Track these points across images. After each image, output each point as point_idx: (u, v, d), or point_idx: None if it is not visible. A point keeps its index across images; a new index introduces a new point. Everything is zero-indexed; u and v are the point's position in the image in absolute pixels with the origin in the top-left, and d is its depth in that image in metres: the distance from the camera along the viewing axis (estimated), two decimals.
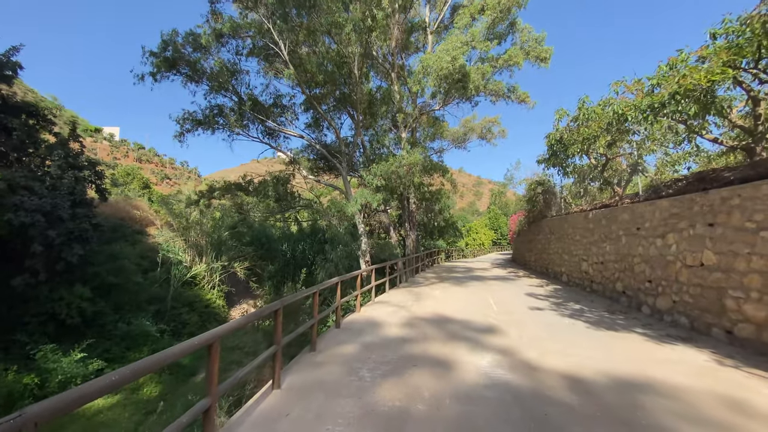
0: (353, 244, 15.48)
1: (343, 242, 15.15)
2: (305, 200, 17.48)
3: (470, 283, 13.72)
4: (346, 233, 15.40)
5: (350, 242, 15.25)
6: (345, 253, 14.78)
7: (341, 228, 15.66)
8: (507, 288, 12.46)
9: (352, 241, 15.21)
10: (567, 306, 9.13)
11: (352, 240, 15.23)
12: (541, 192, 17.58)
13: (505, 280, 14.70)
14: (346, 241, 15.06)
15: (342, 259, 14.85)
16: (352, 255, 15.22)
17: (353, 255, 15.27)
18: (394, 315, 8.36)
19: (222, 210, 18.10)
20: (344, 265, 14.83)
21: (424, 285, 13.61)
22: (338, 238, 15.31)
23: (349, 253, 14.93)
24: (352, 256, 15.15)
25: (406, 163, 15.38)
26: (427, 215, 24.95)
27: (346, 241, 15.06)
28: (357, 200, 14.17)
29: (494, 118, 23.51)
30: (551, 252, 15.06)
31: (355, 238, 15.41)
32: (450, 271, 18.80)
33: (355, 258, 15.41)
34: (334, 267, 14.83)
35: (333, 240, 15.52)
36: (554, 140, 14.34)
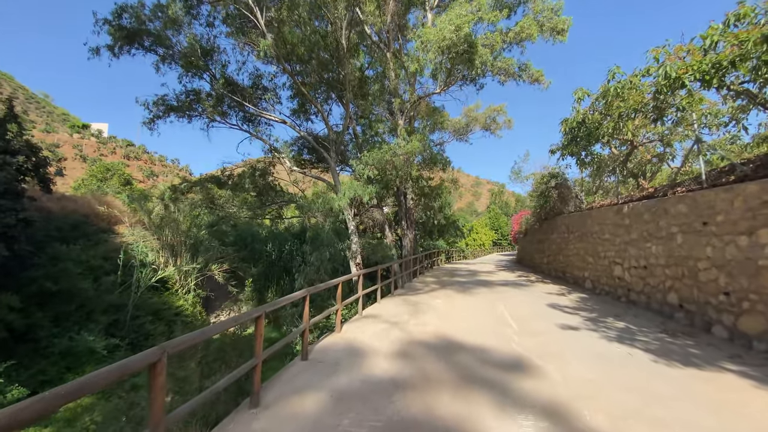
0: (341, 245, 13.44)
1: (328, 242, 13.05)
2: (289, 195, 15.42)
3: (477, 290, 11.70)
4: (330, 232, 13.33)
5: (337, 242, 13.19)
6: (330, 256, 12.69)
7: (326, 225, 13.61)
8: (522, 296, 10.45)
9: (339, 242, 13.14)
10: (606, 323, 7.13)
11: (339, 240, 13.17)
12: (554, 186, 15.59)
13: (516, 286, 12.70)
14: (331, 240, 12.97)
15: (325, 263, 12.75)
16: (338, 257, 13.19)
17: (340, 257, 13.24)
18: (385, 337, 6.33)
19: (200, 206, 16.01)
20: (328, 269, 12.77)
21: (423, 292, 11.60)
22: (321, 238, 13.17)
23: (335, 256, 12.88)
24: (338, 259, 13.10)
25: (404, 151, 13.35)
26: (426, 213, 22.94)
27: (331, 241, 12.96)
28: (345, 193, 12.15)
29: (499, 106, 21.55)
30: (569, 253, 13.07)
31: (343, 238, 13.38)
32: (452, 275, 16.78)
33: (341, 261, 13.38)
34: (315, 272, 12.76)
35: (315, 240, 13.38)
36: (574, 123, 12.39)
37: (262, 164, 14.80)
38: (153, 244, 19.70)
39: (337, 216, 14.03)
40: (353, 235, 14.70)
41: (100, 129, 74.10)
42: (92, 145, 66.43)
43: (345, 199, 12.10)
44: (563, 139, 14.83)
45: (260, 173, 14.35)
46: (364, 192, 12.13)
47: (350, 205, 15.25)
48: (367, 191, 12.23)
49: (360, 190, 12.03)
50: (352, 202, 15.30)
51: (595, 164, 14.12)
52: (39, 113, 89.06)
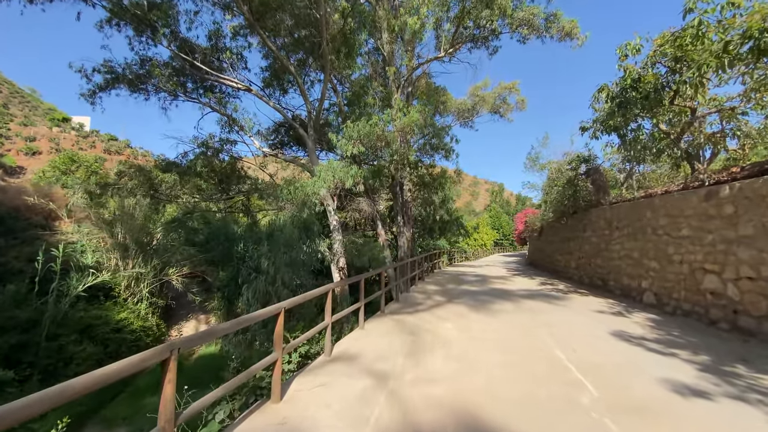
0: (313, 245, 10.36)
1: (288, 242, 9.75)
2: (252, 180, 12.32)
3: (497, 305, 8.70)
4: (292, 227, 10.10)
5: (306, 241, 10.01)
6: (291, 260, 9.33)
7: (286, 218, 10.30)
8: (565, 317, 7.43)
9: (309, 240, 9.96)
10: (742, 377, 4.14)
11: (308, 238, 9.96)
12: (585, 172, 12.62)
13: (547, 298, 9.69)
14: (292, 239, 9.70)
15: (282, 270, 9.42)
16: (310, 261, 10.08)
17: (312, 261, 10.13)
18: (359, 419, 3.28)
19: (134, 193, 12.83)
20: (288, 280, 9.53)
21: (425, 308, 8.58)
22: (282, 236, 9.92)
23: (305, 259, 9.71)
24: (309, 264, 9.96)
25: (400, 125, 10.32)
26: (425, 208, 19.90)
27: (291, 241, 9.63)
28: (321, 175, 9.09)
29: (511, 84, 18.55)
30: (613, 255, 10.09)
31: (312, 235, 10.25)
32: (458, 281, 13.77)
33: (316, 266, 10.26)
34: (271, 285, 9.59)
35: (273, 239, 10.12)
36: (626, 84, 9.50)
37: (218, 141, 11.77)
38: (105, 243, 16.60)
39: (313, 208, 10.96)
40: (335, 232, 11.64)
41: (81, 123, 70.48)
42: (71, 139, 62.91)
43: (321, 183, 9.05)
44: (605, 109, 11.92)
45: (214, 152, 11.32)
46: (347, 174, 9.08)
47: (333, 196, 12.20)
48: (351, 173, 9.18)
49: (341, 172, 8.99)
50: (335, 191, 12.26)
51: (640, 143, 11.26)
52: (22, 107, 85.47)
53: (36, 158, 52.28)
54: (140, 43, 13.79)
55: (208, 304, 17.22)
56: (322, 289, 5.17)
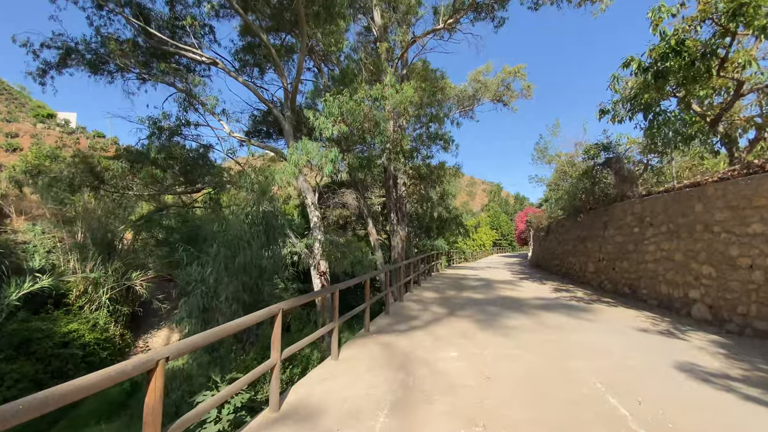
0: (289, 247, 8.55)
1: (230, 243, 7.69)
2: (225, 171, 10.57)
3: (511, 321, 7.02)
4: (243, 223, 8.10)
5: (265, 242, 8.08)
6: (243, 266, 7.38)
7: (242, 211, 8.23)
8: (603, 340, 5.74)
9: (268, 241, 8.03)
10: None
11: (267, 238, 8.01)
12: (605, 162, 10.98)
13: (569, 310, 8.01)
14: (237, 239, 7.66)
15: (223, 283, 7.42)
16: (275, 268, 8.26)
17: (279, 267, 8.33)
18: None
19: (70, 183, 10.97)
20: (240, 292, 7.56)
21: (421, 324, 6.87)
22: (226, 235, 7.80)
23: (269, 266, 7.84)
24: (272, 272, 8.10)
25: (392, 103, 8.61)
26: (422, 205, 18.22)
27: (234, 242, 7.52)
28: (292, 158, 7.36)
29: (516, 68, 16.87)
30: (647, 258, 8.44)
31: (280, 234, 8.40)
32: (459, 287, 12.08)
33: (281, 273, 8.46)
34: (214, 298, 7.65)
35: (221, 235, 8.04)
36: (666, 49, 7.91)
37: (174, 121, 10.03)
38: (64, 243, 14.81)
39: (287, 200, 9.21)
40: (316, 230, 9.92)
41: (66, 119, 68.18)
42: (55, 136, 60.71)
43: (291, 169, 7.32)
44: (626, 88, 10.37)
45: (169, 134, 9.59)
46: (325, 158, 7.38)
47: (314, 189, 10.48)
48: (330, 157, 7.48)
49: (317, 155, 7.28)
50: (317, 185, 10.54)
51: (672, 126, 9.71)
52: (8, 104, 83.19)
53: (17, 155, 50.12)
54: (99, 17, 12.08)
55: (177, 313, 15.42)
56: (264, 312, 3.45)
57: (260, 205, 7.70)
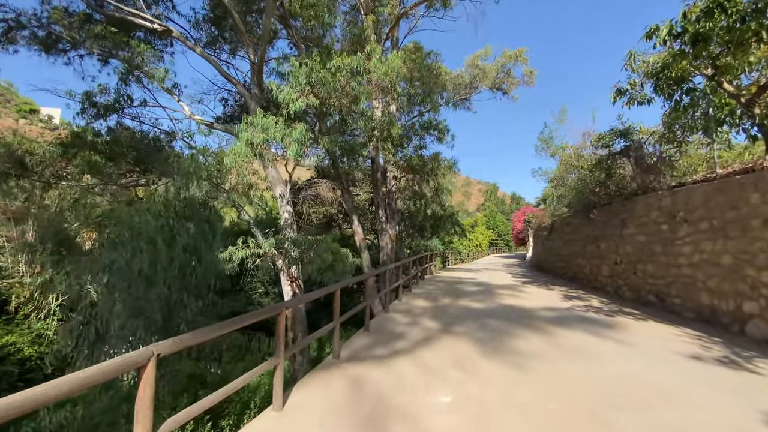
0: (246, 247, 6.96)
1: (175, 238, 6.30)
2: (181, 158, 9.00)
3: (519, 341, 5.57)
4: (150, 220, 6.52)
5: (206, 244, 6.60)
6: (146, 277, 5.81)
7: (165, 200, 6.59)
8: (650, 370, 4.29)
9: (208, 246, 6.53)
10: None
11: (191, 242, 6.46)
12: (622, 151, 9.57)
13: (588, 324, 6.57)
14: (165, 241, 6.19)
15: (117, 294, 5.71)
16: (207, 278, 6.68)
17: (209, 276, 6.73)
18: None
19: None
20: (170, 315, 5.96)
21: (406, 349, 5.38)
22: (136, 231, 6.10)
23: (201, 274, 6.31)
24: (202, 283, 6.51)
25: (378, 75, 7.12)
26: (414, 202, 16.75)
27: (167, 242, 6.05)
28: (245, 134, 5.85)
29: (517, 51, 15.46)
30: (680, 262, 7.05)
31: (210, 235, 6.85)
32: (455, 293, 10.63)
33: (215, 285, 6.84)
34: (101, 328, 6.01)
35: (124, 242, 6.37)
36: (709, 5, 6.62)
37: (113, 96, 8.48)
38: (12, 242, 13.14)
39: (247, 192, 7.66)
40: (288, 228, 8.41)
41: (50, 114, 65.92)
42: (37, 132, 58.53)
43: (243, 148, 5.81)
44: (653, 60, 9.03)
45: (104, 112, 8.05)
46: (287, 135, 5.87)
47: (287, 182, 8.97)
48: (295, 135, 5.99)
49: (277, 131, 5.78)
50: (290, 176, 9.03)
51: (700, 108, 8.44)
52: None
53: None
54: None
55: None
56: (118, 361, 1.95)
57: (185, 190, 6.15)
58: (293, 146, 6.02)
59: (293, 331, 8.34)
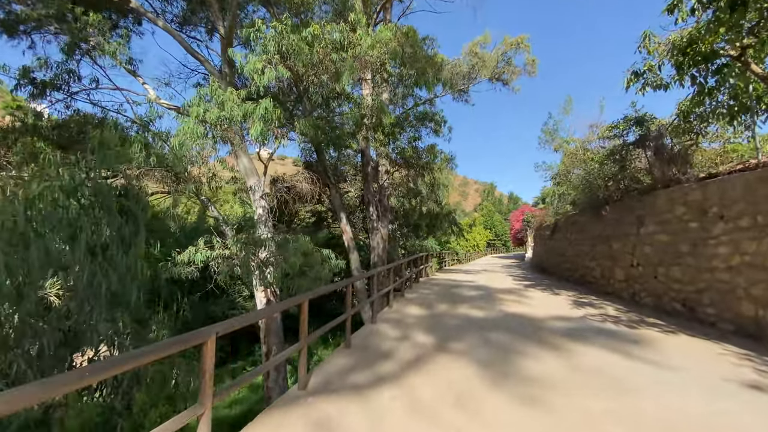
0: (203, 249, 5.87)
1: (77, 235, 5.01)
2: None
3: (530, 361, 4.56)
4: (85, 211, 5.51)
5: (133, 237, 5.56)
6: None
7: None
8: (704, 409, 3.27)
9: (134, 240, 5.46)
10: None
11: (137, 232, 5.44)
12: (638, 141, 8.59)
13: (609, 339, 5.57)
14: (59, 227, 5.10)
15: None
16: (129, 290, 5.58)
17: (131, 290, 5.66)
18: None
19: None
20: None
21: (394, 374, 4.33)
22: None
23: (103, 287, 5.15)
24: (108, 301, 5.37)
25: (365, 47, 6.08)
26: (409, 199, 15.73)
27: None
28: (196, 109, 4.78)
29: (519, 38, 14.47)
30: (713, 265, 6.07)
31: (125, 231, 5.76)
32: (452, 298, 9.61)
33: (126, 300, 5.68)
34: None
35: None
36: None
37: (56, 70, 7.35)
38: None
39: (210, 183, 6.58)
40: (261, 226, 7.33)
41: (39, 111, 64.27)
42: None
43: (192, 126, 4.74)
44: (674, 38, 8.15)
45: (41, 87, 6.90)
46: (251, 113, 4.80)
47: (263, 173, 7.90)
48: (259, 113, 4.91)
49: (235, 108, 4.72)
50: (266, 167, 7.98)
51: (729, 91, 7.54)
52: None
53: None
54: None
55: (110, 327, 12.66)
56: None
57: (95, 171, 5.03)
58: (257, 125, 4.96)
59: (267, 345, 7.29)
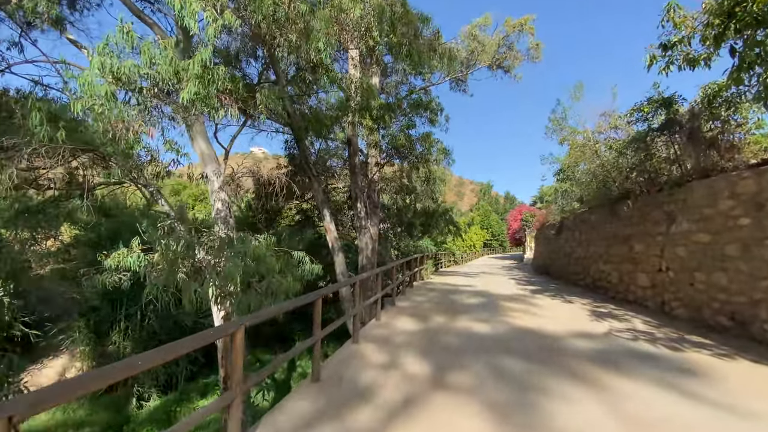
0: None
1: None
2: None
3: (561, 409, 3.32)
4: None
5: None
6: None
7: None
8: None
9: None
10: None
11: None
12: (666, 125, 7.41)
13: (657, 368, 4.37)
14: None
15: None
16: None
17: None
18: None
19: None
20: None
21: (377, 430, 3.05)
22: None
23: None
24: None
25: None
26: (402, 197, 14.48)
27: None
28: (99, 60, 3.47)
29: (523, 20, 13.27)
30: None
31: None
32: (451, 308, 8.37)
33: None
34: None
35: None
36: None
37: None
38: None
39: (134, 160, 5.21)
40: (220, 223, 6.03)
41: None
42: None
43: (90, 76, 3.42)
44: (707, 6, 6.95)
45: None
46: (183, 66, 3.52)
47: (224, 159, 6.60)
48: (193, 69, 3.62)
49: (157, 56, 3.44)
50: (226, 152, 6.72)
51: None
52: None
53: None
54: None
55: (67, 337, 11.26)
56: None
57: None
58: (190, 85, 3.70)
59: (225, 368, 6.01)
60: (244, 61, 7.69)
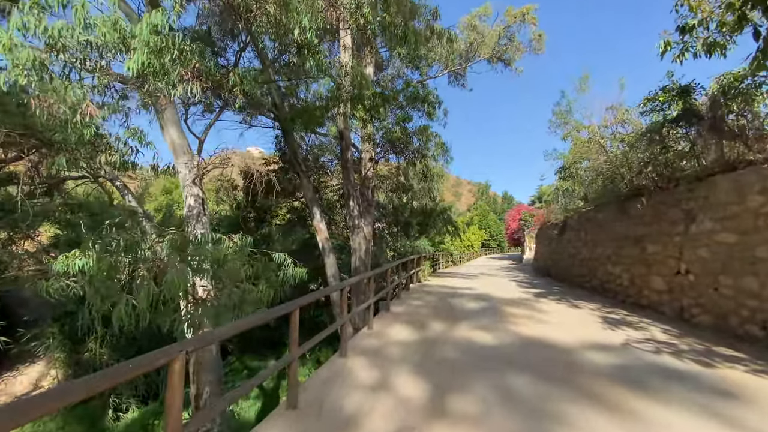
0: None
1: None
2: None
3: None
4: None
5: None
6: None
7: None
8: None
9: None
10: None
11: None
12: (683, 115, 6.83)
13: (701, 395, 3.78)
14: None
15: None
16: None
17: None
18: None
19: None
20: None
21: None
22: None
23: None
24: None
25: None
26: (398, 195, 13.89)
27: None
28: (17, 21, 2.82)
29: (525, 9, 12.66)
30: None
31: None
32: (449, 314, 7.76)
33: None
34: None
35: None
36: None
37: None
38: None
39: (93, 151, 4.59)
40: (192, 221, 5.40)
41: None
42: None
43: (6, 41, 2.76)
44: None
45: None
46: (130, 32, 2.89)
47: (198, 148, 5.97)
48: (144, 29, 2.98)
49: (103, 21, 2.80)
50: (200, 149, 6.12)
51: None
52: None
53: None
54: None
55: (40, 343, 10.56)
56: None
57: None
58: (139, 54, 3.08)
59: (197, 385, 5.40)
60: (221, 41, 7.06)
